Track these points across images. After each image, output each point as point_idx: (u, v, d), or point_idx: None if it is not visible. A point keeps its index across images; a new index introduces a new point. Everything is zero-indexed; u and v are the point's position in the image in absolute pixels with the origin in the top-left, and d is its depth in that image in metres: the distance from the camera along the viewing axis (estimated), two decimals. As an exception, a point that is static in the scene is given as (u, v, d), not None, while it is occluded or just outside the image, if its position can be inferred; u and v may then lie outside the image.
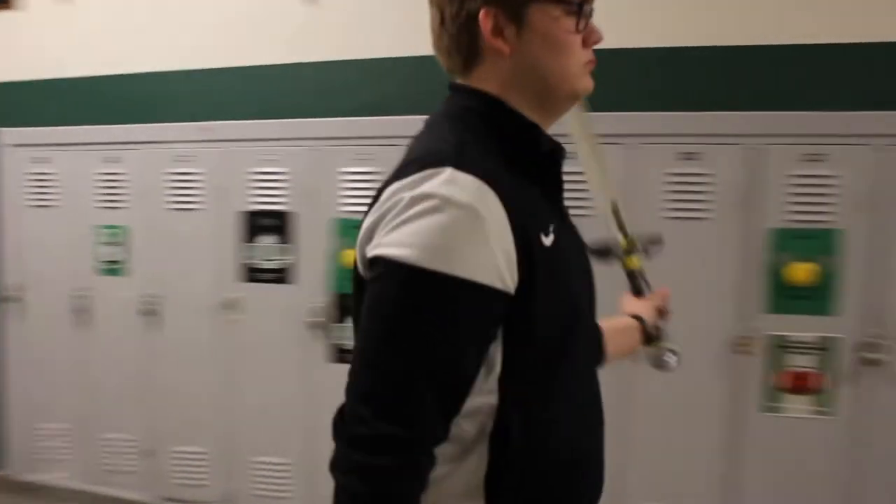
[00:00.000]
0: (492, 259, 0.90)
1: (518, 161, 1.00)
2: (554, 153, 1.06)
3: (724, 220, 2.51)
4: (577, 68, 1.05)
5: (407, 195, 0.90)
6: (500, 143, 1.00)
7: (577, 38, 1.03)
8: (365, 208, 0.99)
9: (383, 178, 0.98)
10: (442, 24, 1.04)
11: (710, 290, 2.52)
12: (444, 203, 0.88)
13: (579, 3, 1.02)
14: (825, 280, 2.44)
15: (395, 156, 1.01)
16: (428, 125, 1.06)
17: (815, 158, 2.43)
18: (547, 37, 1.02)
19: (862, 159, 2.40)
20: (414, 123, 1.08)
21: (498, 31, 1.00)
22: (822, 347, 2.48)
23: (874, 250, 2.41)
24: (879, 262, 2.41)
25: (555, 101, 1.07)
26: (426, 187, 0.90)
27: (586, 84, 1.07)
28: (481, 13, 0.99)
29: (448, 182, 0.90)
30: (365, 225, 0.96)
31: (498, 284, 0.90)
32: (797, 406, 2.51)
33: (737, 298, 2.52)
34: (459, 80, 1.07)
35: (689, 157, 2.53)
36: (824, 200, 2.43)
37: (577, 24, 1.02)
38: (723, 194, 2.50)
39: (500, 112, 1.03)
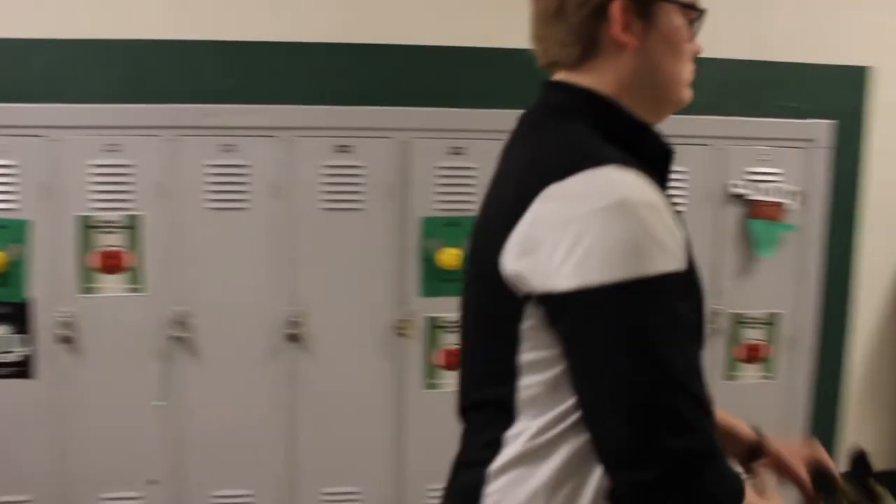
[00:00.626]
0: (678, 242, 0.87)
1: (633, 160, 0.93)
2: (668, 153, 1.03)
3: (378, 209, 2.61)
4: (687, 76, 1.04)
5: (583, 204, 0.84)
6: (618, 142, 0.95)
7: (690, 47, 1.03)
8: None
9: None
10: (560, 12, 0.98)
11: (370, 277, 2.63)
12: (623, 204, 0.84)
13: (699, 12, 1.01)
14: (470, 264, 2.64)
15: None
16: (535, 124, 1.02)
17: (457, 151, 2.61)
18: (669, 38, 1.00)
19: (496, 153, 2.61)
20: None
21: (626, 26, 0.96)
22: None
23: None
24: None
25: (664, 104, 1.05)
26: (600, 191, 0.85)
27: (689, 95, 1.06)
28: (615, 4, 0.95)
29: (616, 181, 0.86)
30: (517, 238, 0.89)
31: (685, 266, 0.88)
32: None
33: (395, 284, 2.65)
34: (564, 75, 1.02)
35: (343, 149, 2.59)
36: (465, 190, 2.62)
37: (692, 34, 1.02)
38: (376, 185, 2.60)
39: (617, 111, 0.99)
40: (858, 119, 2.92)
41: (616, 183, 0.86)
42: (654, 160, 0.99)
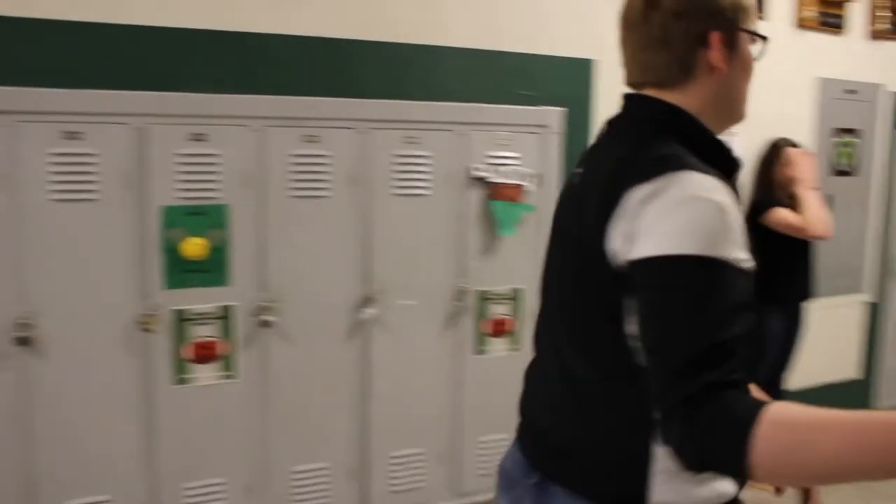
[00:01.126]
0: (741, 240, 1.04)
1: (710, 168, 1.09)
2: (737, 166, 1.19)
3: (115, 199, 2.47)
4: (749, 95, 1.23)
5: (669, 197, 1.03)
6: (696, 152, 1.10)
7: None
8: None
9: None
10: (664, 41, 1.15)
11: (109, 271, 2.49)
12: (705, 199, 1.02)
13: (764, 39, 1.20)
14: (217, 252, 2.58)
15: None
16: (628, 129, 1.21)
17: (199, 138, 2.53)
18: (746, 62, 1.19)
19: (242, 139, 2.57)
20: None
21: (721, 54, 1.14)
22: (221, 316, 2.64)
23: (257, 222, 2.62)
24: (262, 233, 2.63)
25: (730, 119, 1.23)
26: (682, 188, 1.03)
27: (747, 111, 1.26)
28: (714, 35, 1.13)
29: (700, 182, 1.04)
30: (621, 229, 1.06)
31: (748, 265, 1.04)
32: (204, 375, 2.65)
33: (137, 277, 2.52)
34: (653, 91, 1.20)
35: (73, 136, 2.42)
36: (209, 178, 2.55)
37: (758, 55, 1.21)
38: (111, 174, 2.46)
39: (698, 126, 1.16)
40: (585, 106, 3.17)
41: (699, 183, 1.04)
42: (725, 169, 1.14)
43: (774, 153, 3.59)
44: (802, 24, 3.79)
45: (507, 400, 3.05)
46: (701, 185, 1.04)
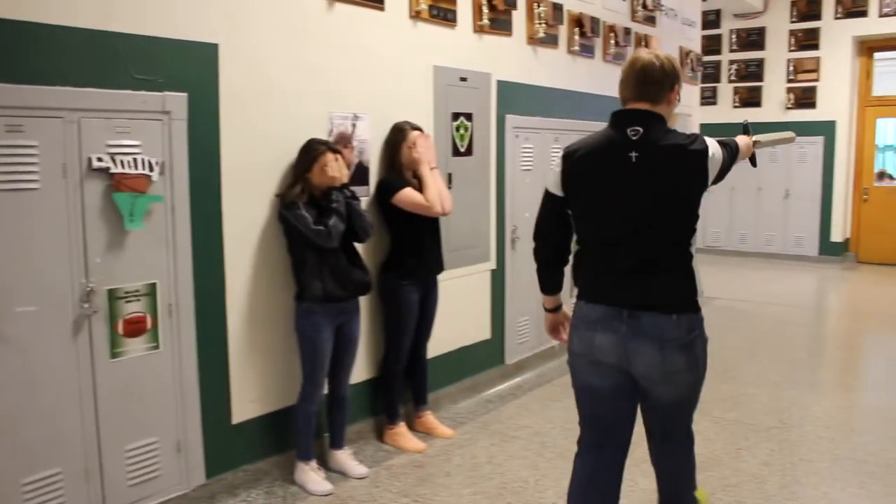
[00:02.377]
0: None
1: None
2: None
3: None
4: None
5: (710, 144, 2.39)
6: None
7: None
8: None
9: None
10: (660, 85, 2.40)
11: None
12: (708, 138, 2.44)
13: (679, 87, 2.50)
14: None
15: None
16: (652, 123, 2.37)
17: None
18: (676, 99, 2.47)
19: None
20: None
21: (675, 94, 2.46)
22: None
23: None
24: None
25: (671, 122, 2.50)
26: (708, 141, 2.40)
27: None
28: (676, 87, 2.44)
29: (709, 139, 2.41)
30: (711, 158, 2.38)
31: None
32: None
33: None
34: (647, 106, 2.40)
35: None
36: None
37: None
38: None
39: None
40: (211, 92, 3.09)
41: (709, 140, 2.42)
42: None
43: (398, 136, 3.82)
44: (417, 16, 4.07)
45: (151, 401, 2.92)
46: (710, 139, 2.44)
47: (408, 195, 3.67)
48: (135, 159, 2.80)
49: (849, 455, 3.82)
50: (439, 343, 4.29)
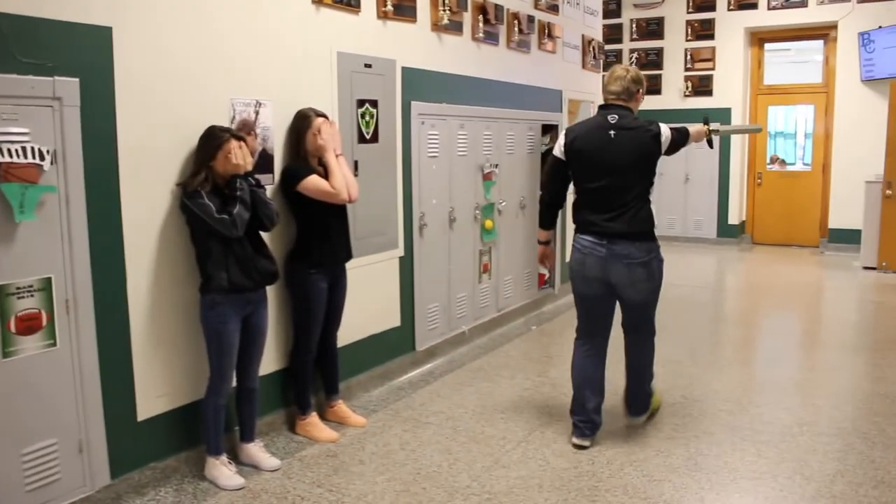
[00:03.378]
0: None
1: None
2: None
3: None
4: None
5: (663, 128, 3.62)
6: None
7: None
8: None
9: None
10: (630, 88, 3.63)
11: None
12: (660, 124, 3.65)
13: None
14: None
15: None
16: (623, 114, 3.59)
17: None
18: (641, 99, 3.75)
19: None
20: None
21: (641, 95, 3.73)
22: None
23: None
24: None
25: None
26: (661, 126, 3.62)
27: None
28: (640, 91, 3.70)
29: (663, 125, 3.64)
30: (662, 136, 3.61)
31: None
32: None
33: None
34: (622, 102, 3.64)
35: None
36: None
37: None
38: None
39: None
40: (105, 78, 2.97)
41: (663, 126, 3.64)
42: None
43: (303, 122, 3.76)
44: (321, 1, 4.01)
45: (49, 401, 2.80)
46: (664, 124, 3.66)
47: (314, 182, 3.63)
48: (23, 148, 2.66)
49: (746, 426, 4.00)
50: (349, 331, 4.27)
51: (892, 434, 3.87)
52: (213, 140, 3.22)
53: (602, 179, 3.54)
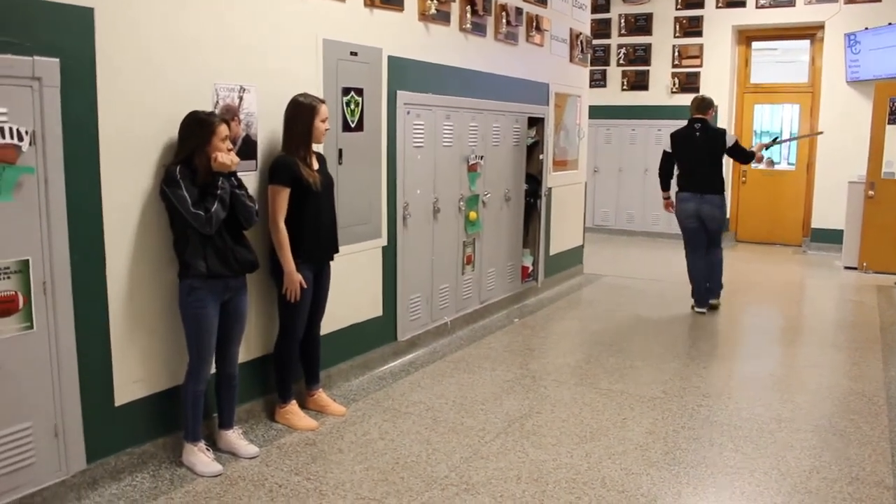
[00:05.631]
0: None
1: None
2: None
3: None
4: None
5: (727, 134, 6.82)
6: None
7: None
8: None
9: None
10: (704, 109, 6.48)
11: None
12: (728, 134, 7.19)
13: None
14: None
15: None
16: (704, 123, 6.42)
17: None
18: (712, 114, 6.97)
19: None
20: None
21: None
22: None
23: None
24: None
25: None
26: (728, 133, 6.86)
27: None
28: (711, 110, 6.60)
29: (729, 134, 7.18)
30: (727, 137, 6.53)
31: None
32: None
33: None
34: (701, 116, 6.43)
35: None
36: None
37: None
38: None
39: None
40: (86, 59, 2.93)
41: (727, 132, 6.87)
42: None
43: (310, 113, 3.71)
44: (306, -12, 3.98)
45: (25, 384, 2.77)
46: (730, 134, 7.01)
47: (279, 198, 3.61)
48: (1, 128, 2.63)
49: (725, 421, 4.02)
50: (331, 320, 4.25)
51: (868, 431, 3.90)
52: (203, 127, 3.17)
53: (694, 163, 6.34)
